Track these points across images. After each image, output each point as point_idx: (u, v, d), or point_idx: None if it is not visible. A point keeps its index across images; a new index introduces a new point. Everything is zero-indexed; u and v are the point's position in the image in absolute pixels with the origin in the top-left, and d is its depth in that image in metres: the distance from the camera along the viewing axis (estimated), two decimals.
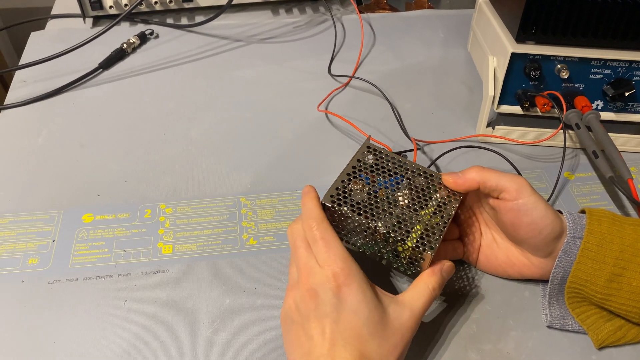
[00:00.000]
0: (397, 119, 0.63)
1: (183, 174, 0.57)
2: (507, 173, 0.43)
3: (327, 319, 0.37)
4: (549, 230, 0.41)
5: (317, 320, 0.37)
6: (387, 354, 0.37)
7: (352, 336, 0.36)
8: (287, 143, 0.61)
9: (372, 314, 0.37)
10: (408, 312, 0.38)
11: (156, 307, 0.45)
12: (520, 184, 0.42)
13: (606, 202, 0.55)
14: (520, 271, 0.45)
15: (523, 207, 0.41)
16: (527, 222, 0.42)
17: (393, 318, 0.38)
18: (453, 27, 0.80)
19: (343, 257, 0.38)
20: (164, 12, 0.82)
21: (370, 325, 0.37)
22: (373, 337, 0.36)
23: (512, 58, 0.56)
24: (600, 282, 0.41)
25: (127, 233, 0.51)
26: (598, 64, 0.56)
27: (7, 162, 0.58)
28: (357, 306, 0.37)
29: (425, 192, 0.44)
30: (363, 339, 0.36)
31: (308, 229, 0.40)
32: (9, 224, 0.51)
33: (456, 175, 0.44)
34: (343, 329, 0.36)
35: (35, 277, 0.47)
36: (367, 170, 0.45)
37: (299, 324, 0.38)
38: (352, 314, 0.37)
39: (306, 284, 0.38)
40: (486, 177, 0.43)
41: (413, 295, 0.39)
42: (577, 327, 0.44)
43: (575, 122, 0.55)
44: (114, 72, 0.71)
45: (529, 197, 0.41)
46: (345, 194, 0.42)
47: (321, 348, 0.36)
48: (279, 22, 0.81)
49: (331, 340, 0.36)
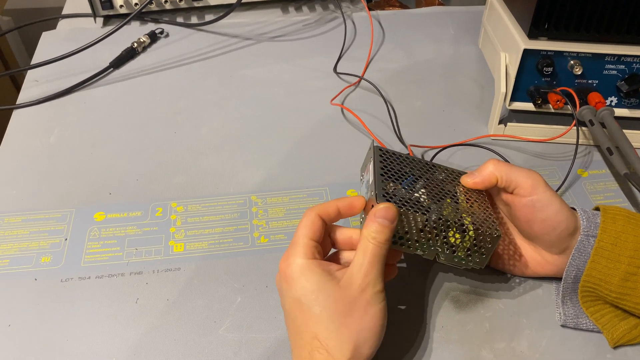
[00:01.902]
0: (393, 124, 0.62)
1: (194, 172, 0.57)
2: (522, 168, 0.43)
3: (287, 314, 0.39)
4: (564, 227, 0.41)
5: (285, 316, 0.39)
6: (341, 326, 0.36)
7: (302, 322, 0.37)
8: (297, 141, 0.61)
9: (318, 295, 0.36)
10: (359, 277, 0.37)
11: (168, 305, 0.45)
12: (535, 179, 0.42)
13: (620, 199, 0.55)
14: (534, 269, 0.45)
15: (537, 203, 0.41)
16: (541, 218, 0.41)
17: (346, 289, 0.37)
18: (463, 24, 0.80)
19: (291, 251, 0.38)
20: (174, 11, 0.82)
21: (316, 305, 0.36)
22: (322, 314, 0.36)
23: (525, 54, 0.55)
24: (614, 281, 0.40)
25: (138, 231, 0.51)
26: (612, 60, 0.55)
27: (20, 161, 0.58)
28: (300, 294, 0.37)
29: (449, 184, 0.44)
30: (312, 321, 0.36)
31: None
32: (22, 222, 0.51)
33: (473, 175, 0.44)
34: (294, 318, 0.37)
35: (48, 275, 0.47)
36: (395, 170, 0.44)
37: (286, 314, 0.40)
38: (297, 303, 0.37)
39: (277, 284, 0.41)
40: (503, 171, 0.42)
41: (357, 254, 0.38)
42: (591, 326, 0.43)
43: (589, 119, 0.54)
44: (125, 71, 0.71)
45: (544, 193, 0.41)
46: (389, 195, 0.41)
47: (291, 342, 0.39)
48: (289, 20, 0.81)
49: (293, 331, 0.38)
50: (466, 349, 0.42)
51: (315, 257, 0.38)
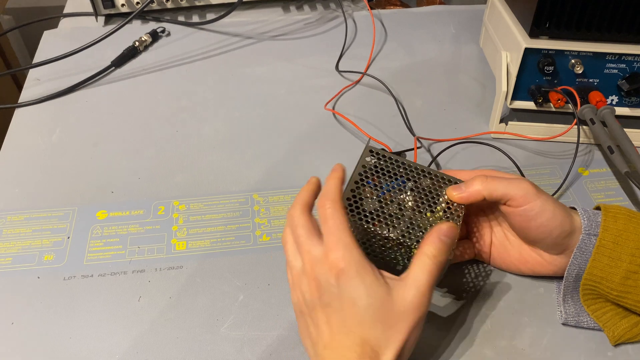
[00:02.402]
0: (403, 117, 0.63)
1: (196, 170, 0.57)
2: (512, 178, 0.43)
3: (330, 308, 0.37)
4: (559, 231, 0.41)
5: (321, 309, 0.37)
6: (392, 338, 0.36)
7: (354, 324, 0.36)
8: (299, 139, 0.61)
9: (373, 300, 0.36)
10: (413, 290, 0.37)
11: (170, 303, 0.45)
12: (526, 189, 0.41)
13: (621, 197, 0.55)
14: (534, 268, 0.45)
15: (530, 212, 0.41)
16: (535, 225, 0.42)
17: (397, 301, 0.36)
18: (464, 23, 0.80)
19: (345, 243, 0.37)
20: (176, 9, 0.82)
21: (371, 312, 0.36)
22: (375, 323, 0.36)
23: (526, 53, 0.55)
24: (616, 280, 0.40)
25: (141, 230, 0.51)
26: (613, 59, 0.55)
27: (22, 159, 0.58)
28: (357, 293, 0.36)
29: (432, 194, 0.44)
30: (365, 326, 0.36)
31: (321, 207, 0.39)
32: (25, 220, 0.51)
33: (460, 189, 0.43)
34: (344, 318, 0.36)
35: (50, 273, 0.47)
36: (372, 175, 0.44)
37: (306, 314, 0.38)
38: (352, 302, 0.36)
39: (311, 273, 0.38)
40: (491, 188, 0.42)
41: (415, 270, 0.37)
42: (592, 324, 0.43)
43: (590, 118, 0.54)
44: (126, 70, 0.71)
45: (535, 201, 0.41)
46: (357, 203, 0.42)
47: (325, 338, 0.36)
48: (290, 19, 0.81)
49: (335, 329, 0.36)
50: (468, 347, 0.42)
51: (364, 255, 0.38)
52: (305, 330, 0.38)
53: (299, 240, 0.39)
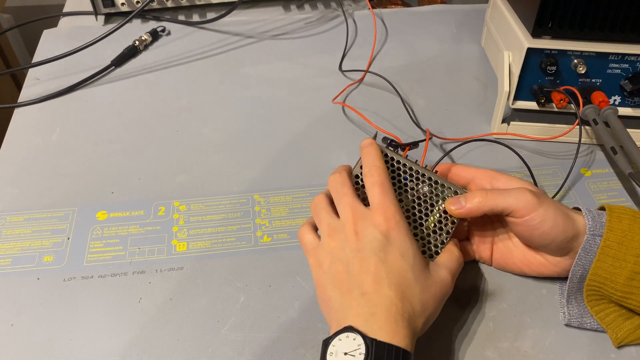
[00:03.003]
0: (408, 111, 0.62)
1: (196, 171, 0.57)
2: (512, 190, 0.42)
3: (375, 257, 0.38)
4: (562, 238, 0.41)
5: (363, 259, 0.38)
6: (427, 301, 0.38)
7: (397, 277, 0.37)
8: (300, 140, 0.61)
9: (417, 260, 0.39)
10: (445, 269, 0.41)
11: (171, 304, 0.45)
12: (526, 200, 0.41)
13: (624, 198, 0.54)
14: (537, 270, 0.45)
15: (531, 222, 0.41)
16: (538, 234, 0.41)
17: (433, 273, 0.40)
18: (466, 22, 0.80)
19: (396, 205, 0.40)
20: (176, 8, 0.81)
21: (415, 271, 0.38)
22: (416, 282, 0.38)
23: (528, 53, 0.55)
24: (620, 280, 0.40)
25: (141, 230, 0.51)
26: (616, 59, 0.55)
27: (22, 159, 0.58)
28: (405, 250, 0.38)
29: (427, 203, 0.44)
30: (407, 282, 0.37)
31: (369, 174, 0.42)
32: (24, 221, 0.51)
33: (459, 203, 0.43)
34: (389, 269, 0.37)
35: (50, 274, 0.47)
36: None
37: (340, 264, 0.39)
38: (400, 256, 0.38)
39: (353, 226, 0.39)
40: (492, 204, 0.42)
41: (447, 258, 0.42)
42: (595, 325, 0.43)
43: (593, 118, 0.54)
44: (126, 70, 0.71)
45: (536, 212, 0.41)
46: None
47: (365, 285, 0.37)
48: (291, 18, 0.81)
49: (376, 277, 0.37)
50: (470, 349, 0.42)
51: None
52: (336, 279, 0.38)
53: (343, 198, 0.41)
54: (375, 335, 0.34)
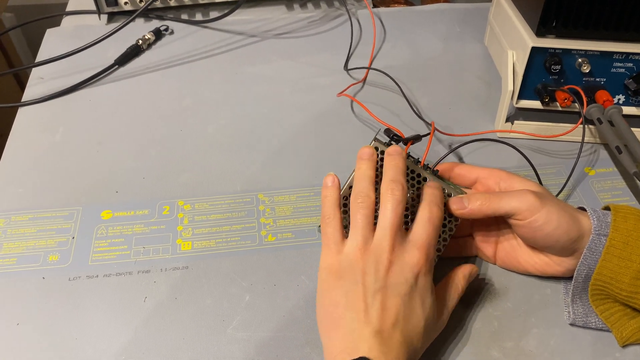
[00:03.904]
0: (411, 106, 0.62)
1: (200, 170, 0.57)
2: (514, 192, 0.43)
3: (399, 298, 0.38)
4: (566, 238, 0.41)
5: (387, 294, 0.38)
6: (426, 342, 0.40)
7: (412, 325, 0.38)
8: (304, 139, 0.61)
9: (432, 311, 0.39)
10: (446, 311, 0.42)
11: (176, 303, 0.45)
12: (529, 202, 0.41)
13: (628, 197, 0.54)
14: (541, 269, 0.45)
15: (534, 225, 0.41)
16: (541, 235, 0.42)
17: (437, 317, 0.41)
18: (469, 21, 0.80)
19: (434, 245, 0.40)
20: (179, 7, 0.81)
21: (427, 322, 0.39)
22: (425, 333, 0.39)
23: (532, 52, 0.55)
24: (626, 280, 0.40)
25: (146, 230, 0.51)
26: (620, 58, 0.55)
27: (26, 159, 0.58)
28: (426, 298, 0.39)
29: None
30: (417, 332, 0.38)
31: (432, 192, 0.42)
32: (29, 220, 0.51)
33: (461, 204, 0.43)
34: (408, 315, 0.38)
35: (55, 273, 0.47)
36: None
37: (363, 290, 0.38)
38: (420, 304, 0.38)
39: (389, 257, 0.38)
40: (494, 207, 0.42)
41: (449, 294, 0.42)
42: (600, 324, 0.43)
43: (597, 117, 0.54)
44: (130, 69, 0.71)
45: (539, 213, 0.41)
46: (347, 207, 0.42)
47: (382, 323, 0.37)
48: (294, 17, 0.81)
49: (395, 319, 0.37)
50: (475, 348, 0.42)
51: None
52: (351, 302, 0.38)
53: (392, 219, 0.39)
54: None
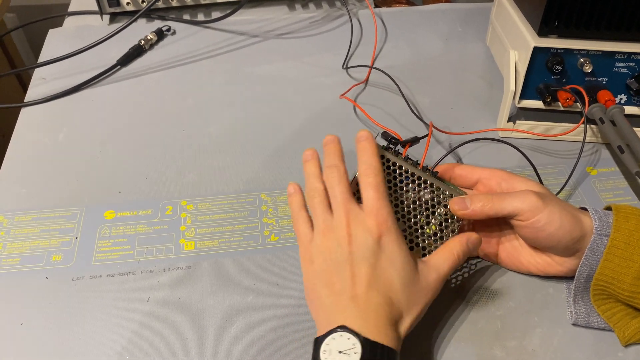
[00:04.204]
0: (413, 111, 0.62)
1: (203, 170, 0.57)
2: (514, 193, 0.43)
3: (365, 262, 0.38)
4: (568, 239, 0.41)
5: (354, 263, 0.38)
6: (413, 307, 0.39)
7: (386, 283, 0.38)
8: (306, 138, 0.61)
9: (406, 267, 0.39)
10: (435, 273, 0.40)
11: (180, 303, 0.45)
12: (532, 203, 0.41)
13: (630, 197, 0.54)
14: (543, 269, 0.45)
15: (537, 225, 0.41)
16: (544, 236, 0.42)
17: (421, 277, 0.40)
18: (471, 21, 0.80)
19: (389, 209, 0.40)
20: (181, 8, 0.81)
21: (402, 277, 0.39)
22: (403, 289, 0.38)
23: (534, 52, 0.55)
24: (627, 280, 0.40)
25: (149, 230, 0.51)
26: (622, 57, 0.55)
27: (29, 159, 0.58)
28: (394, 256, 0.39)
29: (428, 205, 0.44)
30: (395, 288, 0.38)
31: (364, 174, 0.41)
32: (32, 220, 0.51)
33: (463, 204, 0.43)
34: (379, 274, 0.38)
35: (59, 273, 0.47)
36: None
37: (332, 265, 0.39)
38: (389, 263, 0.39)
39: (347, 229, 0.39)
40: (496, 208, 0.42)
41: (440, 258, 0.41)
42: (602, 324, 0.43)
43: (599, 117, 0.54)
44: (132, 69, 0.71)
45: (542, 213, 0.41)
46: None
47: (355, 289, 0.37)
48: (296, 17, 0.81)
49: (367, 282, 0.38)
50: (478, 348, 0.42)
51: None
52: (325, 280, 0.39)
53: (339, 196, 0.41)
54: (367, 336, 0.35)
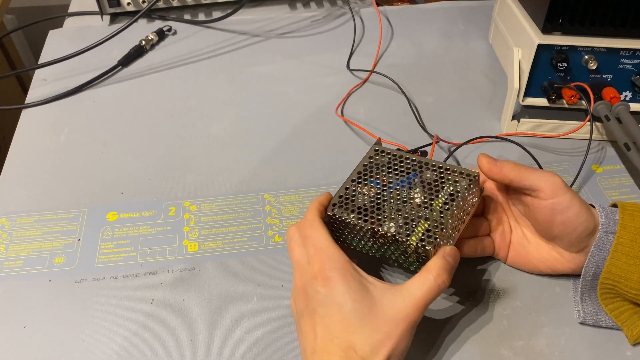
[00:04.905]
0: (415, 115, 0.62)
1: (206, 170, 0.56)
2: (541, 170, 0.43)
3: (315, 315, 0.37)
4: (583, 228, 0.41)
5: (308, 317, 0.38)
6: (379, 343, 0.35)
7: (339, 329, 0.36)
8: (309, 138, 0.60)
9: (358, 304, 0.36)
10: (405, 300, 0.37)
11: (184, 305, 0.45)
12: (556, 183, 0.41)
13: (636, 194, 0.54)
14: (552, 266, 0.45)
15: (558, 206, 0.41)
16: (561, 220, 0.41)
17: (386, 307, 0.37)
18: (473, 19, 0.79)
19: (328, 252, 0.39)
20: (182, 8, 0.81)
21: (356, 316, 0.36)
22: (361, 328, 0.36)
23: (539, 50, 0.55)
24: (634, 278, 0.40)
25: (152, 231, 0.50)
26: (627, 54, 0.55)
27: (31, 161, 0.58)
28: (341, 298, 0.37)
29: (433, 185, 0.43)
30: (350, 331, 0.36)
31: (301, 228, 0.41)
32: (35, 223, 0.51)
33: (493, 161, 0.43)
34: (329, 323, 0.36)
35: (62, 276, 0.47)
36: (377, 171, 0.44)
37: (297, 322, 0.40)
38: (337, 307, 0.37)
39: (299, 282, 0.39)
40: (522, 176, 0.42)
41: (413, 282, 0.38)
42: (610, 323, 0.43)
43: (605, 114, 0.54)
44: (133, 70, 0.71)
45: (564, 195, 0.41)
46: (348, 201, 0.42)
47: (313, 344, 0.37)
48: (297, 17, 0.80)
49: (321, 335, 0.37)
50: (485, 347, 0.42)
51: (351, 261, 0.39)
52: (298, 336, 0.39)
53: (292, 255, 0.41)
54: None
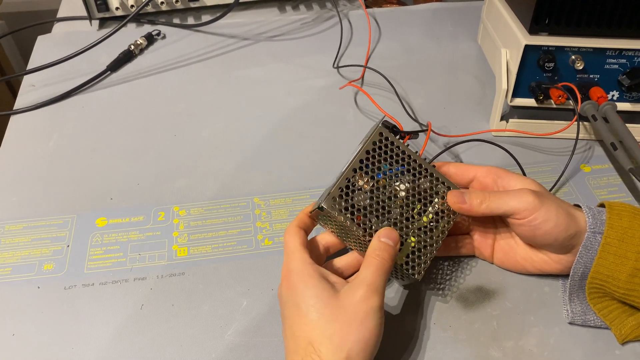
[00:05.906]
0: (407, 111, 0.62)
1: (195, 175, 0.56)
2: (512, 191, 0.43)
3: (283, 318, 0.40)
4: (564, 236, 0.41)
5: (282, 320, 0.40)
6: (343, 335, 0.36)
7: (299, 328, 0.37)
8: (299, 141, 0.60)
9: (316, 301, 0.37)
10: (362, 288, 0.38)
11: (173, 310, 0.45)
12: (528, 202, 0.41)
13: (624, 194, 0.54)
14: (540, 267, 0.45)
15: (534, 223, 0.41)
16: (540, 234, 0.41)
17: (345, 299, 0.37)
18: (462, 20, 0.80)
19: (292, 257, 0.40)
20: (171, 12, 0.81)
21: (315, 313, 0.37)
22: (319, 323, 0.37)
23: (526, 50, 0.55)
24: (622, 277, 0.40)
25: (141, 236, 0.50)
26: (613, 54, 0.55)
27: (19, 167, 0.57)
28: (300, 298, 0.38)
29: (423, 194, 0.44)
30: (309, 327, 0.37)
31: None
32: (23, 229, 0.51)
33: (461, 197, 0.43)
34: (292, 324, 0.38)
35: (51, 282, 0.47)
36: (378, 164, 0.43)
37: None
38: (296, 308, 0.38)
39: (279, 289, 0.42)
40: (492, 206, 0.42)
41: (361, 269, 0.39)
42: (599, 322, 0.43)
43: (592, 114, 0.54)
44: (122, 74, 0.70)
45: (538, 211, 0.41)
46: (348, 195, 0.42)
47: (285, 345, 0.39)
48: (286, 19, 0.81)
49: (286, 336, 0.39)
50: (474, 348, 0.42)
51: (312, 263, 0.40)
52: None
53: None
54: None
